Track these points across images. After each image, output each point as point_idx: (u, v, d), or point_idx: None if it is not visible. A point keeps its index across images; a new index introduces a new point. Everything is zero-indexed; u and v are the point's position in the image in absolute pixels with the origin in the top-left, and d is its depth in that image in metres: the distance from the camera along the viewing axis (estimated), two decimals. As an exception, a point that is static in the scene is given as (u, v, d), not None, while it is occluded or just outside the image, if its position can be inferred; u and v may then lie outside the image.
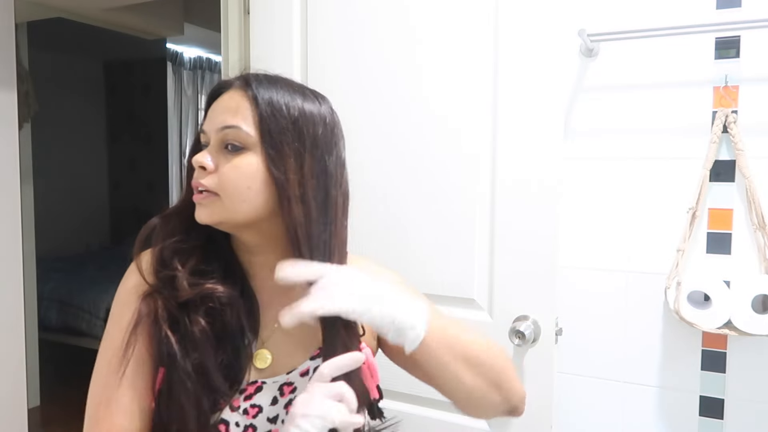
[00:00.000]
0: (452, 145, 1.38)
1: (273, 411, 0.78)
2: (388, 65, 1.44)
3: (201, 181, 0.77)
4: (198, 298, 0.77)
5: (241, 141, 0.76)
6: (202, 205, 0.78)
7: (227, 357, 0.77)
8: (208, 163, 0.77)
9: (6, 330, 2.22)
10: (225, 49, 1.76)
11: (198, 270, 0.79)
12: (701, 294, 1.36)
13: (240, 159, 0.76)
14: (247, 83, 0.79)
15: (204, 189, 0.77)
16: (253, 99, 0.77)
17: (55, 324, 3.93)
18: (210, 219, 0.77)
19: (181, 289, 0.77)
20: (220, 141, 0.78)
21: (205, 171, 0.77)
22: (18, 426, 2.27)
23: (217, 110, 0.79)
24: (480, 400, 0.81)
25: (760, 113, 1.34)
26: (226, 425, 0.76)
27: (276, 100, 0.77)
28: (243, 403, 0.77)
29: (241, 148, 0.76)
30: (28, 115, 3.22)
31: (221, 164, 0.77)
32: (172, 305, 0.77)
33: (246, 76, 0.80)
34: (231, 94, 0.79)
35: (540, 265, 1.29)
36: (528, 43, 1.28)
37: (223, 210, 0.77)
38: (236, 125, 0.76)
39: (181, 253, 0.80)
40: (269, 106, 0.77)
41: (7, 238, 2.21)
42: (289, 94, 0.79)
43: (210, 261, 0.81)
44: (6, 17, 2.18)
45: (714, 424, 1.39)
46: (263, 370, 0.80)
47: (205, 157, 0.77)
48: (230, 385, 0.77)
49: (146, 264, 0.81)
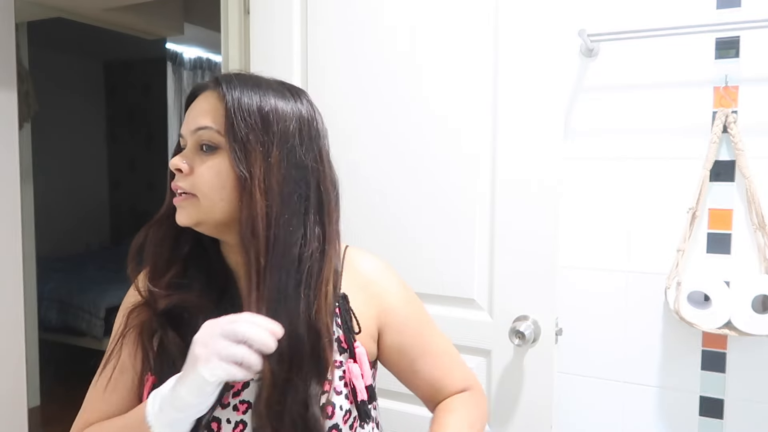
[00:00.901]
0: (452, 145, 1.38)
1: None
2: (388, 65, 1.44)
3: (178, 184, 0.79)
4: (176, 310, 0.80)
5: (213, 141, 0.78)
6: (181, 207, 0.80)
7: None
8: (183, 166, 0.79)
9: (6, 330, 2.21)
10: (225, 49, 1.76)
11: (176, 281, 0.82)
12: (701, 294, 1.36)
13: (213, 159, 0.77)
14: (218, 83, 0.80)
15: (182, 191, 0.79)
16: (223, 97, 0.78)
17: (55, 324, 3.93)
18: (189, 220, 0.79)
19: (157, 301, 0.81)
20: (195, 142, 0.79)
21: (182, 173, 0.79)
22: (18, 426, 2.27)
23: (193, 113, 0.81)
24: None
25: (760, 113, 1.34)
26: (218, 423, 0.78)
27: (244, 98, 0.78)
28: (232, 399, 0.79)
29: (215, 148, 0.78)
30: (28, 115, 3.22)
31: (197, 165, 0.78)
32: (153, 318, 0.81)
33: (218, 77, 0.81)
34: (205, 95, 0.81)
35: (540, 265, 1.29)
36: (528, 43, 1.28)
37: (201, 210, 0.78)
38: (208, 126, 0.78)
39: (167, 262, 0.83)
40: (236, 103, 0.77)
41: (7, 238, 2.21)
42: (259, 91, 0.79)
43: (194, 268, 0.83)
44: (6, 17, 2.18)
45: (714, 424, 1.39)
46: None
47: (180, 161, 0.79)
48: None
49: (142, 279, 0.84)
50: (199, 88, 0.83)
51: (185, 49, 5.12)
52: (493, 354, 1.35)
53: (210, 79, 0.83)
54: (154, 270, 0.83)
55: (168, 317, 0.80)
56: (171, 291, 0.81)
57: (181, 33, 3.94)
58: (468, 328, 1.36)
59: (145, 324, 0.82)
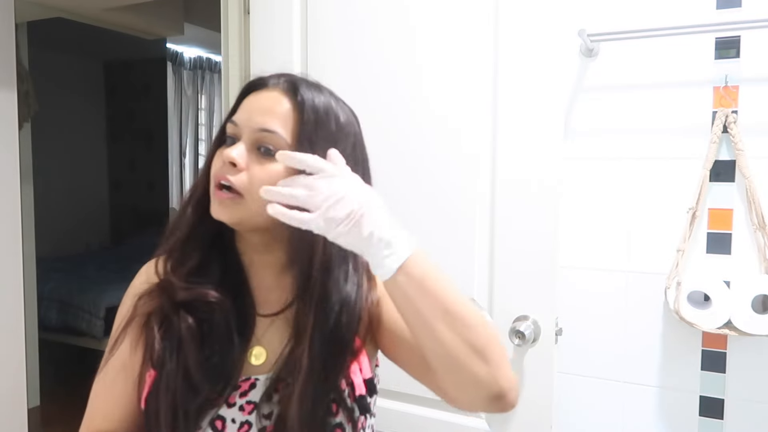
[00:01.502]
0: (452, 145, 1.38)
1: (268, 407, 0.78)
2: (388, 65, 1.44)
3: (229, 177, 0.75)
4: (190, 301, 0.79)
5: (277, 147, 0.75)
6: (224, 204, 0.76)
7: (215, 357, 0.78)
8: (240, 161, 0.75)
9: (6, 330, 2.22)
10: (225, 49, 1.76)
11: (195, 273, 0.81)
12: (701, 294, 1.36)
13: (273, 164, 0.75)
14: (295, 88, 0.77)
15: (229, 185, 0.75)
16: (299, 106, 0.76)
17: (55, 324, 3.93)
18: (229, 219, 0.77)
19: (176, 292, 0.79)
20: (254, 141, 0.76)
21: (235, 168, 0.75)
22: (18, 426, 2.27)
23: (256, 108, 0.78)
24: (461, 365, 0.70)
25: (760, 113, 1.34)
26: (222, 421, 0.77)
27: (320, 112, 0.76)
28: (239, 399, 0.78)
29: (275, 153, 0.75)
30: (28, 115, 3.22)
31: (252, 165, 0.75)
32: (166, 306, 0.79)
33: (292, 79, 0.78)
34: (273, 94, 0.78)
35: (540, 265, 1.29)
36: (528, 43, 1.28)
37: (245, 212, 0.76)
38: (275, 131, 0.75)
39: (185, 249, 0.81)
40: (314, 114, 0.76)
41: (7, 238, 2.21)
42: (330, 101, 0.79)
43: (210, 261, 0.82)
44: (6, 17, 2.18)
45: (714, 424, 1.39)
46: (258, 367, 0.81)
47: (239, 154, 0.75)
48: (223, 384, 0.78)
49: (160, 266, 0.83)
50: (265, 83, 0.80)
51: (185, 49, 5.13)
52: (493, 354, 1.35)
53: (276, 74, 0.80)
54: (175, 259, 0.81)
55: (185, 307, 0.79)
56: (191, 284, 0.79)
57: (181, 33, 3.94)
58: (468, 328, 1.36)
59: (152, 313, 0.80)
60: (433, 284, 0.71)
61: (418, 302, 0.70)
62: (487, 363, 0.70)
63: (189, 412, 0.76)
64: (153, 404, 0.77)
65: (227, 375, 0.78)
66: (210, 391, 0.77)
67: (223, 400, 0.77)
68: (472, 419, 1.39)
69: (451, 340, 0.69)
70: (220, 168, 0.77)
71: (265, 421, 0.78)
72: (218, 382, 0.77)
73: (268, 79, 0.80)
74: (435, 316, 0.70)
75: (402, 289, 0.70)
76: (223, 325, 0.79)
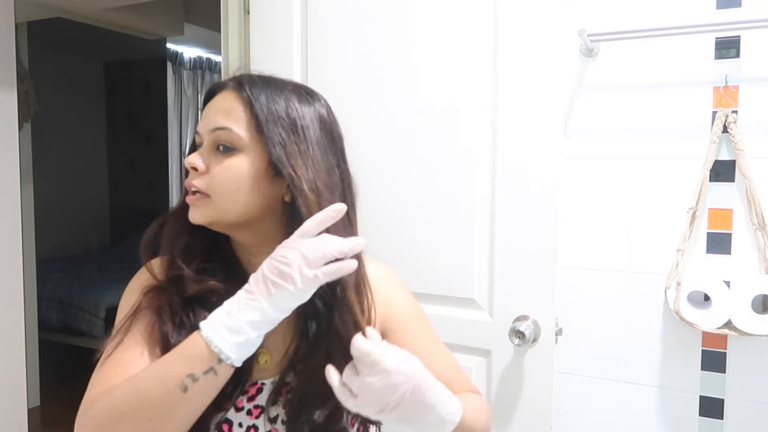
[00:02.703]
0: (452, 145, 1.38)
1: (273, 411, 0.78)
2: (388, 65, 1.44)
3: (192, 182, 0.78)
4: (203, 295, 0.79)
5: (232, 142, 0.77)
6: (195, 206, 0.78)
7: None
8: (200, 165, 0.78)
9: (6, 330, 2.22)
10: (225, 49, 1.76)
11: (203, 269, 0.81)
12: (701, 294, 1.36)
13: (230, 160, 0.77)
14: (240, 84, 0.79)
15: (196, 190, 0.78)
16: (246, 100, 0.77)
17: (55, 324, 3.93)
18: (202, 219, 0.78)
19: (187, 285, 0.79)
20: (212, 142, 0.78)
21: (197, 172, 0.78)
22: (18, 426, 2.27)
23: (211, 111, 0.80)
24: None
25: (760, 113, 1.34)
26: (229, 425, 0.77)
27: (271, 101, 0.77)
28: (246, 403, 0.79)
29: (232, 149, 0.77)
30: (28, 115, 3.22)
31: (212, 165, 0.78)
32: (176, 302, 0.79)
33: (239, 78, 0.80)
34: (224, 95, 0.80)
35: (540, 265, 1.29)
36: (528, 43, 1.28)
37: (214, 210, 0.77)
38: (227, 127, 0.77)
39: (187, 252, 0.81)
40: (265, 107, 0.77)
41: (7, 238, 2.21)
42: (283, 94, 0.79)
43: (214, 266, 0.82)
44: (6, 17, 2.18)
45: (714, 424, 1.39)
46: (263, 371, 0.81)
47: (197, 159, 0.78)
48: (233, 385, 0.77)
49: (157, 266, 0.83)
50: (218, 87, 0.82)
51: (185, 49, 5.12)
52: (493, 354, 1.35)
53: (229, 78, 0.82)
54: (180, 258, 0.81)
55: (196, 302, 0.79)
56: (201, 277, 0.80)
57: (181, 33, 3.94)
58: (468, 328, 1.36)
59: (162, 306, 0.79)
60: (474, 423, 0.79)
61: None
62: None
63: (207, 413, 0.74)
64: None
65: (239, 375, 0.77)
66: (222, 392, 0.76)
67: (231, 403, 0.77)
68: (472, 419, 1.39)
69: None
70: (188, 176, 0.79)
71: (272, 425, 0.78)
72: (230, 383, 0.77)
73: (223, 82, 0.82)
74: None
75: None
76: None
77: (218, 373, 0.67)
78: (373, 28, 1.45)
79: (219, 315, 0.69)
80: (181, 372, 0.67)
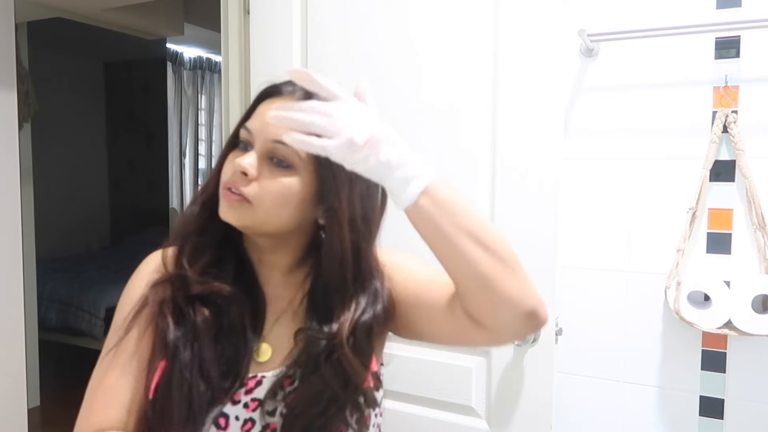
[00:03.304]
0: (452, 146, 1.38)
1: (272, 404, 0.78)
2: (388, 65, 1.44)
3: (240, 186, 0.76)
4: (206, 295, 0.79)
5: (289, 159, 0.75)
6: (233, 208, 0.77)
7: (228, 351, 0.78)
8: (252, 172, 0.75)
9: (6, 330, 2.22)
10: (225, 49, 1.76)
11: (210, 268, 0.81)
12: (701, 294, 1.36)
13: (284, 177, 0.75)
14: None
15: (240, 194, 0.76)
16: None
17: (55, 324, 3.93)
18: (237, 222, 0.77)
19: (191, 285, 0.79)
20: (267, 151, 0.76)
21: (246, 177, 0.76)
22: (18, 426, 2.27)
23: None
24: (493, 282, 0.71)
25: (760, 113, 1.34)
26: (226, 418, 0.77)
27: None
28: (244, 397, 0.78)
29: (288, 166, 0.75)
30: (28, 115, 3.22)
31: (263, 175, 0.76)
32: (180, 297, 0.79)
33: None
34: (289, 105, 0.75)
35: (540, 265, 1.29)
36: (528, 43, 1.28)
37: (253, 219, 0.77)
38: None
39: (197, 249, 0.81)
40: None
41: (7, 238, 2.22)
42: None
43: (224, 258, 0.82)
44: (6, 17, 2.18)
45: (714, 424, 1.39)
46: (264, 364, 0.81)
47: (251, 165, 0.75)
48: (231, 380, 0.77)
49: (169, 255, 0.83)
50: (280, 91, 0.79)
51: (185, 49, 5.12)
52: (493, 354, 1.35)
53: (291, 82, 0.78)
54: (188, 254, 0.81)
55: (200, 300, 0.79)
56: (207, 277, 0.79)
57: (181, 33, 3.95)
58: (468, 328, 1.36)
59: (164, 302, 0.79)
60: (456, 205, 0.70)
61: (445, 225, 0.69)
62: (516, 278, 0.73)
63: (202, 405, 0.75)
64: (164, 394, 0.76)
65: (237, 371, 0.78)
66: (219, 387, 0.77)
67: (228, 397, 0.77)
68: (471, 419, 1.39)
69: (482, 258, 0.70)
70: (231, 175, 0.77)
71: (269, 418, 0.78)
72: (228, 378, 0.77)
73: (283, 87, 0.80)
74: (463, 236, 0.70)
75: (426, 214, 0.69)
76: (238, 320, 0.79)
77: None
78: (373, 29, 1.45)
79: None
80: None
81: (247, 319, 0.80)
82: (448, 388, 1.40)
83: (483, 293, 0.72)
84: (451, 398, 1.40)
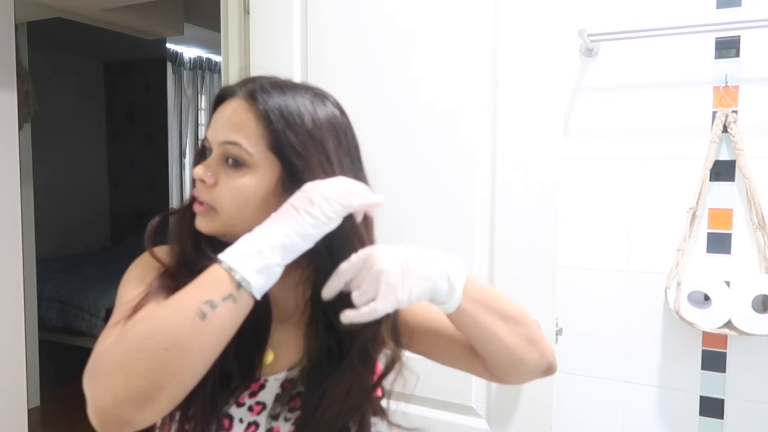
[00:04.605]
0: (452, 146, 1.38)
1: (275, 408, 0.78)
2: (388, 65, 1.44)
3: (200, 195, 0.76)
4: None
5: (241, 158, 0.74)
6: (201, 217, 0.77)
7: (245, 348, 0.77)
8: (208, 178, 0.75)
9: (6, 330, 2.22)
10: (225, 49, 1.76)
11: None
12: (701, 294, 1.36)
13: (238, 177, 0.74)
14: (253, 96, 0.75)
15: (203, 202, 0.76)
16: (260, 115, 0.74)
17: (55, 324, 3.94)
18: (208, 231, 0.77)
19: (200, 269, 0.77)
20: (221, 154, 0.76)
21: (204, 184, 0.76)
22: (18, 426, 2.27)
23: (220, 121, 0.77)
24: (520, 358, 0.80)
25: (760, 113, 1.34)
26: (230, 420, 0.77)
27: (287, 113, 0.74)
28: (248, 400, 0.78)
29: (242, 165, 0.74)
30: (28, 115, 3.22)
31: (221, 179, 0.75)
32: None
33: (251, 88, 0.76)
34: (235, 105, 0.76)
35: (540, 265, 1.29)
36: (528, 43, 1.28)
37: (221, 224, 0.76)
38: (237, 142, 0.74)
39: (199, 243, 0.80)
40: (282, 118, 0.74)
41: (7, 238, 2.22)
42: (299, 102, 0.76)
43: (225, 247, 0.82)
44: (6, 17, 2.18)
45: (714, 424, 1.39)
46: (266, 368, 0.81)
47: (205, 172, 0.75)
48: (243, 378, 0.77)
49: (163, 253, 0.81)
50: (228, 93, 0.78)
51: (185, 49, 5.13)
52: (493, 354, 1.35)
53: (238, 82, 0.78)
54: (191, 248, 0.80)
55: None
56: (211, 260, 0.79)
57: (181, 33, 3.95)
58: (468, 328, 1.36)
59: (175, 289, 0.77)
60: (489, 298, 0.77)
61: (482, 319, 0.76)
62: (537, 348, 0.81)
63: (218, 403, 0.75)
64: None
65: (247, 372, 0.78)
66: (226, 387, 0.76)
67: (233, 399, 0.77)
68: (471, 419, 1.39)
69: (513, 341, 0.79)
70: (196, 186, 0.78)
71: (273, 422, 0.78)
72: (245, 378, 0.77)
73: (234, 88, 0.79)
74: (498, 326, 0.77)
75: (467, 313, 0.75)
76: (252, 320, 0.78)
77: (237, 301, 0.65)
78: (373, 28, 1.45)
79: (238, 244, 0.68)
80: (198, 298, 0.65)
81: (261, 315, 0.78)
82: (448, 388, 1.40)
83: (511, 367, 0.82)
84: (451, 398, 1.40)
